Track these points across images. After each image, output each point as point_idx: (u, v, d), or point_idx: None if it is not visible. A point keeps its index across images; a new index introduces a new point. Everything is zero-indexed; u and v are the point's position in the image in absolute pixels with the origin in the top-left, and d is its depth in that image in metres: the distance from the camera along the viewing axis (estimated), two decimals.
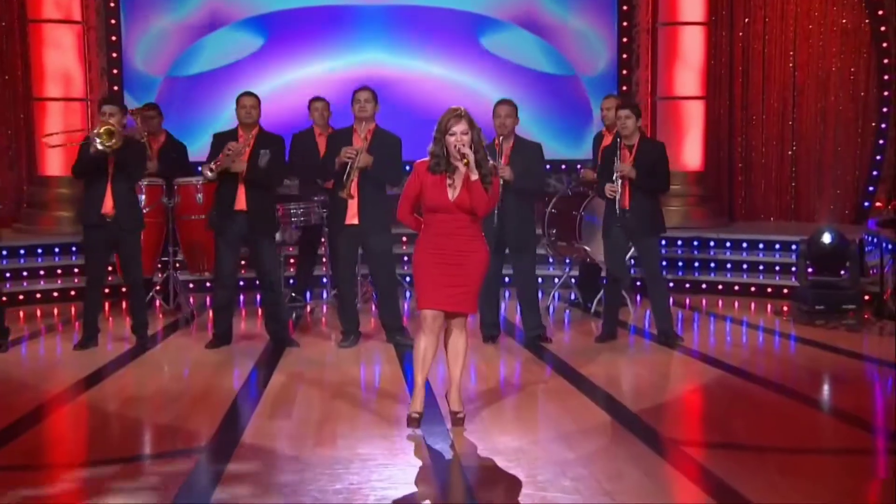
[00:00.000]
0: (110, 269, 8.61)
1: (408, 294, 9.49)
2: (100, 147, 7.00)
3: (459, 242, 5.20)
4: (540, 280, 8.23)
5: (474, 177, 5.06)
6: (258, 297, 9.41)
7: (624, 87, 11.47)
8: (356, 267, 7.78)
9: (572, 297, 9.42)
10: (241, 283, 9.00)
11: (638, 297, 9.32)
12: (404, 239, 10.33)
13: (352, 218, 7.17)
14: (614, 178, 7.19)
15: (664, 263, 8.82)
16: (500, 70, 11.21)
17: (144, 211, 8.10)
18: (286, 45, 11.18)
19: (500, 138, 7.24)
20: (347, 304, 7.48)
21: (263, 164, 7.12)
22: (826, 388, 6.51)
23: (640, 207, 7.32)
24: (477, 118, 5.24)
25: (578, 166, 9.14)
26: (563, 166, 11.00)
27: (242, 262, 8.10)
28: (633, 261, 8.77)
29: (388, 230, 7.33)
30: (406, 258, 10.01)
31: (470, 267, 5.20)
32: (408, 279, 9.59)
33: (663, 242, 8.83)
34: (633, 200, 7.30)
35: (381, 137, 7.15)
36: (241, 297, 9.34)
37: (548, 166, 8.71)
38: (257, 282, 9.55)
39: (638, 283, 9.20)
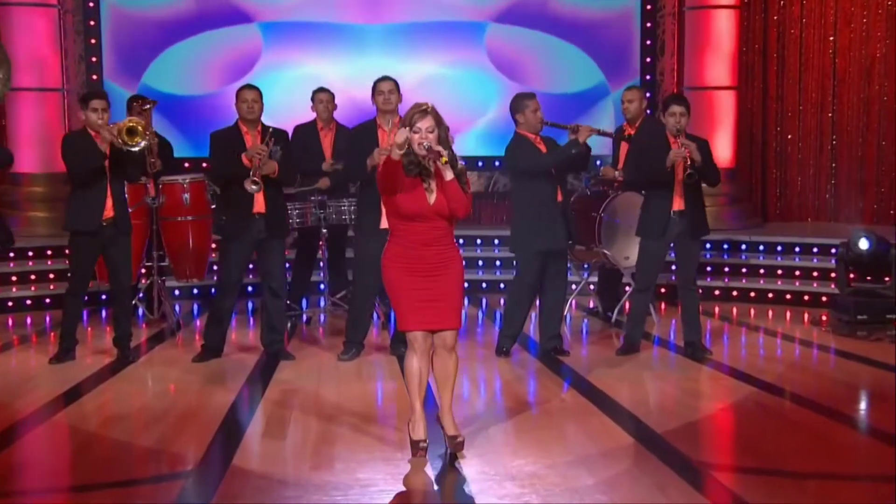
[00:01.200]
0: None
1: None
2: (134, 149, 7.00)
3: (438, 252, 5.18)
4: None
5: (449, 176, 5.03)
6: (250, 304, 9.51)
7: (647, 77, 11.51)
8: (379, 271, 7.77)
9: (591, 305, 9.42)
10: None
11: (662, 305, 9.29)
12: None
13: (386, 222, 7.17)
14: (682, 147, 7.20)
15: None
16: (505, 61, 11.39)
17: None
18: (283, 51, 11.35)
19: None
20: (362, 312, 7.51)
21: (276, 159, 7.20)
22: (869, 406, 6.50)
23: (695, 207, 7.36)
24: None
25: (598, 162, 9.18)
26: None
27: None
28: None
29: None
30: None
31: (450, 277, 5.19)
32: None
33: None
34: (687, 199, 7.34)
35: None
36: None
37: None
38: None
39: (662, 290, 9.18)
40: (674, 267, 8.47)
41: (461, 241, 9.51)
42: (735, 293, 9.90)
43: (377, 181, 5.26)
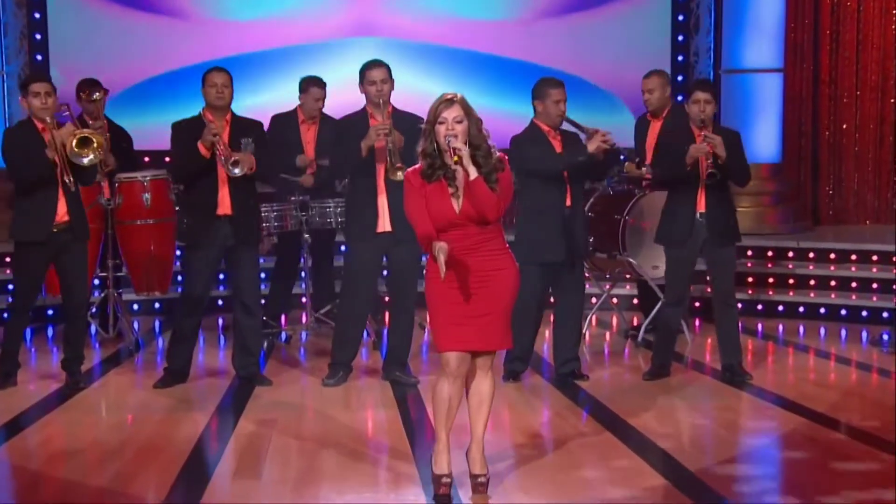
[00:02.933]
0: None
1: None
2: (84, 162, 7.03)
3: (480, 261, 5.26)
4: None
5: (473, 174, 5.11)
6: (221, 321, 9.56)
7: (679, 57, 11.57)
8: (375, 285, 7.89)
9: (614, 321, 9.48)
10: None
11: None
12: None
13: (384, 224, 7.30)
14: (704, 141, 7.24)
15: None
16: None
17: None
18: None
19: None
20: (350, 330, 7.53)
21: (251, 152, 7.21)
22: None
23: (720, 209, 7.39)
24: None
25: (622, 157, 9.18)
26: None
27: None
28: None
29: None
30: None
31: (495, 289, 5.27)
32: None
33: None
34: (710, 200, 7.37)
35: (403, 122, 7.15)
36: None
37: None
38: (220, 302, 9.82)
39: (697, 305, 9.20)
40: (708, 278, 8.49)
41: None
42: (781, 308, 9.93)
43: (407, 208, 5.31)
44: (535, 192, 7.31)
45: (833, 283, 10.06)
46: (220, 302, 9.95)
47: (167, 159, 8.24)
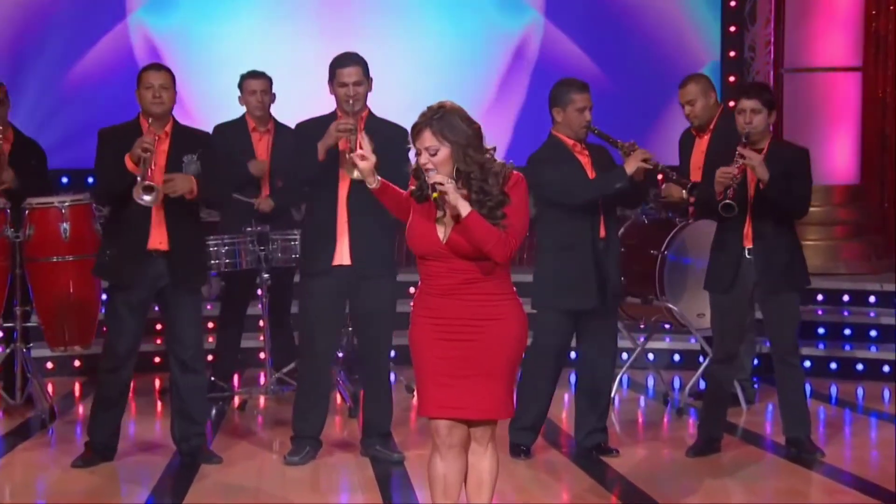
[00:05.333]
0: None
1: (391, 378, 9.44)
2: None
3: (470, 305, 5.25)
4: None
5: (465, 211, 5.10)
6: (157, 383, 9.58)
7: (731, 53, 11.60)
8: (337, 332, 7.94)
9: (649, 382, 9.46)
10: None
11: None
12: (411, 290, 10.26)
13: (341, 255, 7.32)
14: (735, 160, 7.25)
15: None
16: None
17: None
18: None
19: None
20: (314, 390, 7.53)
21: (192, 173, 7.24)
22: None
23: (776, 243, 7.39)
24: None
25: (659, 177, 9.20)
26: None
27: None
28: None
29: (392, 274, 7.52)
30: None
31: (490, 343, 5.26)
32: (392, 353, 9.50)
33: None
34: (761, 232, 7.36)
35: (380, 129, 7.21)
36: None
37: None
38: (156, 359, 9.81)
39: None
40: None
41: None
42: (860, 367, 9.91)
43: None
44: (560, 222, 7.34)
45: None
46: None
47: (91, 180, 8.22)
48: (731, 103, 10.20)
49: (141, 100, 7.29)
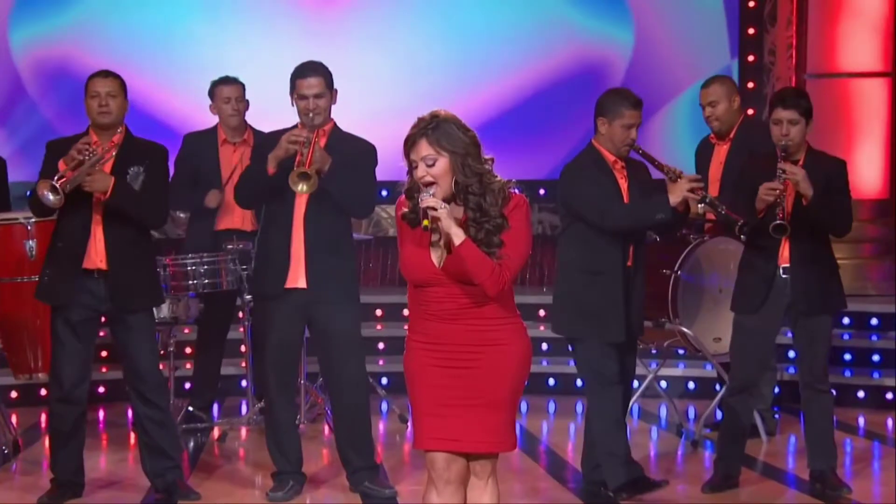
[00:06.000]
0: None
1: (384, 407, 9.50)
2: None
3: (469, 330, 5.21)
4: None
5: (458, 239, 5.06)
6: (130, 413, 9.40)
7: (750, 57, 11.54)
8: (299, 361, 7.89)
9: (662, 411, 9.43)
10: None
11: (776, 413, 9.22)
12: (379, 313, 10.33)
13: (295, 278, 7.28)
14: (778, 178, 7.15)
15: None
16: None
17: None
18: None
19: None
20: (282, 425, 7.50)
21: (137, 188, 7.18)
22: None
23: (815, 263, 7.33)
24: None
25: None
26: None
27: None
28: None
29: (354, 298, 7.46)
30: (382, 344, 9.99)
31: (490, 369, 5.22)
32: (384, 381, 9.62)
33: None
34: (798, 251, 7.29)
35: (344, 142, 7.27)
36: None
37: None
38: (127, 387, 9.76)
39: (776, 390, 9.16)
40: (792, 355, 8.39)
41: None
42: (890, 396, 9.81)
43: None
44: (587, 243, 7.21)
45: None
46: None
47: None
48: (750, 111, 10.33)
49: (88, 110, 7.25)
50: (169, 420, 7.56)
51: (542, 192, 11.42)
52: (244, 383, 9.06)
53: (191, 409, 8.88)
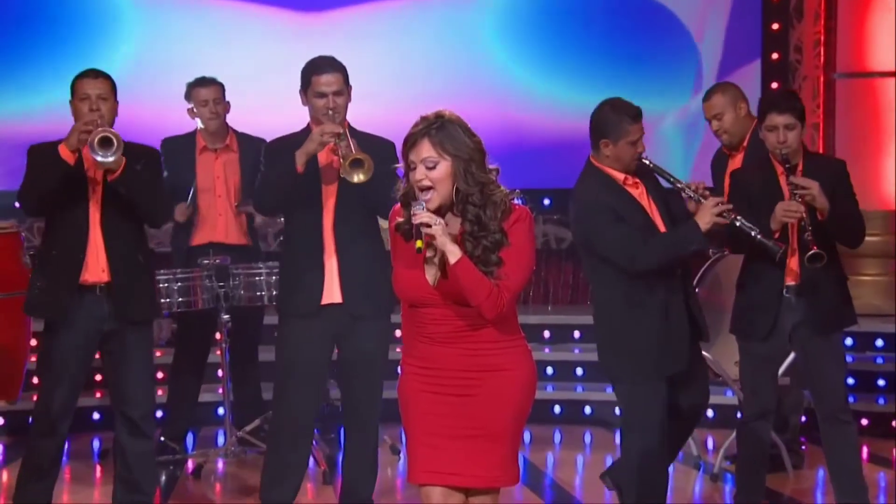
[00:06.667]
0: None
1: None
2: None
3: (468, 355, 5.20)
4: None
5: (454, 257, 5.05)
6: (97, 443, 9.49)
7: (774, 55, 11.57)
8: (323, 384, 7.93)
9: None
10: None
11: (802, 445, 9.15)
12: (397, 334, 10.28)
13: (332, 293, 7.24)
14: (793, 195, 7.05)
15: (849, 381, 8.75)
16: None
17: None
18: None
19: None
20: (289, 452, 7.42)
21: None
22: None
23: (823, 278, 7.21)
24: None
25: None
26: None
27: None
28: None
29: (388, 312, 7.42)
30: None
31: (491, 397, 5.22)
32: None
33: (846, 342, 8.75)
34: (810, 271, 7.16)
35: (364, 141, 7.19)
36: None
37: None
38: (97, 415, 9.76)
39: (802, 420, 9.11)
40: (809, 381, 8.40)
41: None
42: None
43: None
44: (624, 282, 7.03)
45: None
46: (95, 415, 9.82)
47: (17, 204, 8.13)
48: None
49: (76, 113, 7.18)
50: (153, 453, 7.58)
51: (546, 201, 11.51)
52: (221, 411, 9.04)
53: (163, 439, 8.84)
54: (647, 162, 7.13)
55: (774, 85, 11.41)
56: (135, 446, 7.29)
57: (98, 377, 9.53)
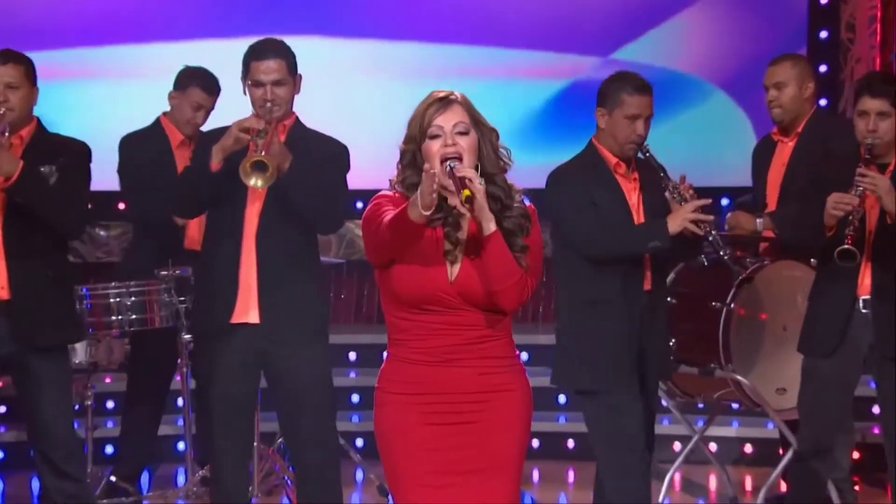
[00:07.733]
0: None
1: (359, 475, 9.55)
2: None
3: (476, 373, 5.21)
4: None
5: (489, 228, 5.09)
6: (35, 483, 9.36)
7: (823, 33, 11.56)
8: (253, 417, 7.82)
9: (711, 482, 9.39)
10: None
11: (856, 485, 9.06)
12: (353, 357, 10.42)
13: (245, 310, 7.20)
14: (855, 191, 7.03)
15: None
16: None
17: None
18: None
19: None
20: (231, 497, 7.42)
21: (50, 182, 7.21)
22: None
23: None
24: None
25: (725, 202, 8.91)
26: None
27: None
28: None
29: (322, 336, 7.42)
30: (357, 396, 9.98)
31: (495, 424, 5.25)
32: (359, 442, 9.70)
33: None
34: (882, 278, 7.17)
35: (308, 141, 7.25)
36: (35, 484, 9.27)
37: None
38: (32, 453, 9.63)
39: (856, 455, 9.08)
40: (877, 410, 8.32)
41: None
42: None
43: (365, 232, 5.29)
44: (587, 275, 7.10)
45: None
46: (32, 452, 9.68)
47: None
48: (824, 101, 10.23)
49: None
50: (87, 495, 7.54)
51: None
52: (181, 446, 9.06)
53: (114, 479, 8.88)
54: (645, 149, 7.15)
55: (823, 68, 11.43)
56: (62, 490, 7.31)
57: None
